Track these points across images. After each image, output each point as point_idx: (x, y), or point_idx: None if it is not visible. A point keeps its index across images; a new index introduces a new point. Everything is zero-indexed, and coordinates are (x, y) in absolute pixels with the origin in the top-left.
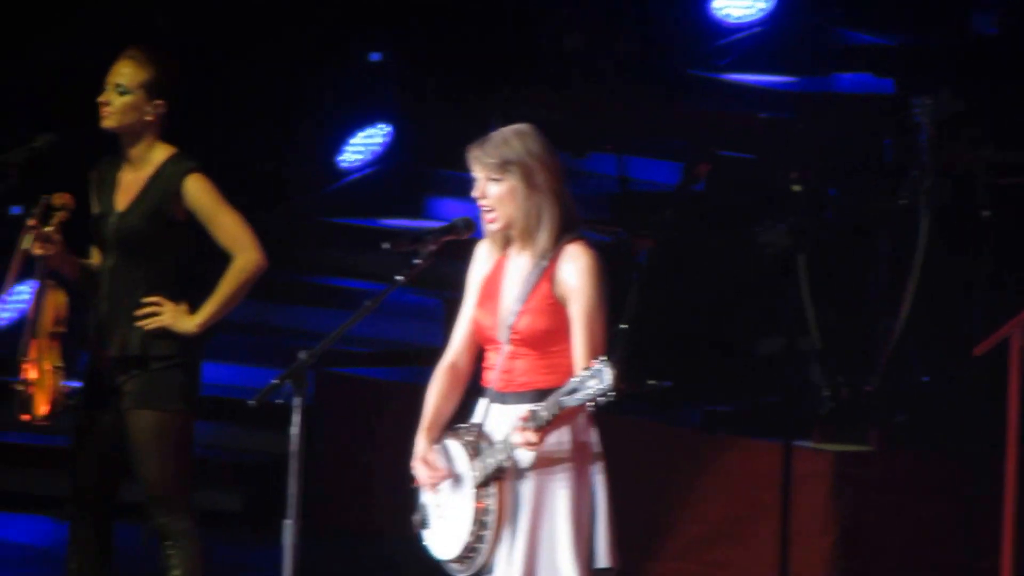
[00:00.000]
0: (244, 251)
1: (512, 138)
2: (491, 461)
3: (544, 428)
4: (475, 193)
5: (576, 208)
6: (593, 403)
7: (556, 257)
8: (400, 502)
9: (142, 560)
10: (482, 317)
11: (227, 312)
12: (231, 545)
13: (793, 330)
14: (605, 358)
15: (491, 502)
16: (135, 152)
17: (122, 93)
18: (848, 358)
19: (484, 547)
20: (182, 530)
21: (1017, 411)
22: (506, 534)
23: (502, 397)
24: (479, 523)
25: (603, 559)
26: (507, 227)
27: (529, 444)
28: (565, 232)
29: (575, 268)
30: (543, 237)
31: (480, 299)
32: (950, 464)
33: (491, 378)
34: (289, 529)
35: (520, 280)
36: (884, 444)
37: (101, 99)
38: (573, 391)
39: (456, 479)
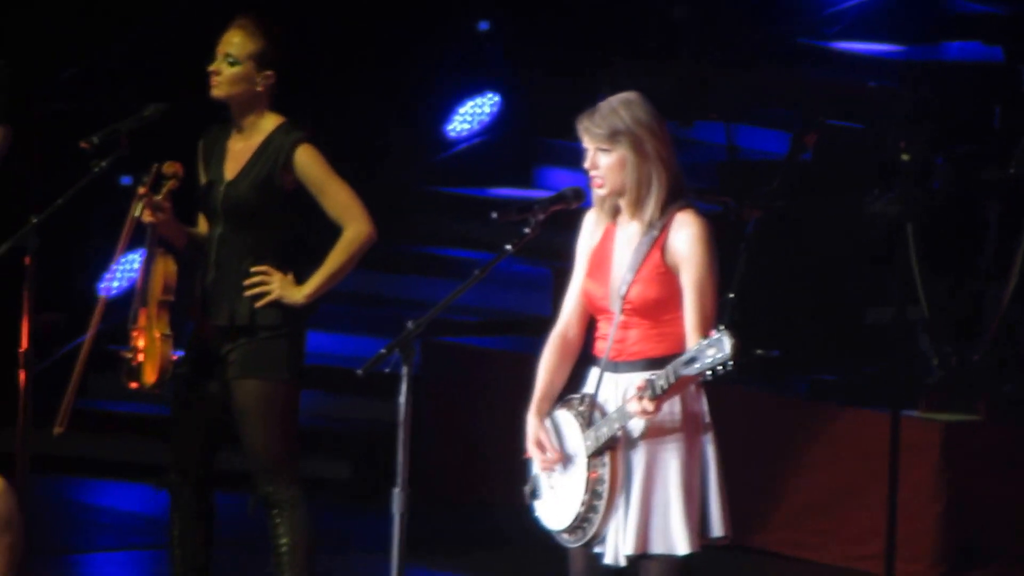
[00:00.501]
0: (354, 222)
1: (620, 107)
2: (605, 430)
3: (660, 397)
4: (586, 164)
5: (684, 176)
6: (712, 373)
7: (667, 226)
8: (508, 472)
9: (250, 528)
10: (592, 287)
11: (335, 283)
12: (339, 514)
13: (902, 300)
14: (724, 327)
15: (604, 471)
16: (245, 122)
17: (232, 63)
18: (956, 328)
19: (597, 516)
20: (289, 499)
21: None
22: (619, 503)
23: (614, 366)
24: (592, 492)
25: (716, 528)
26: (616, 195)
27: (645, 413)
28: (674, 200)
29: (686, 236)
30: (652, 205)
31: (590, 269)
32: None
33: (602, 348)
34: (397, 498)
35: (631, 249)
36: (992, 414)
37: (211, 68)
38: (692, 360)
39: (570, 450)
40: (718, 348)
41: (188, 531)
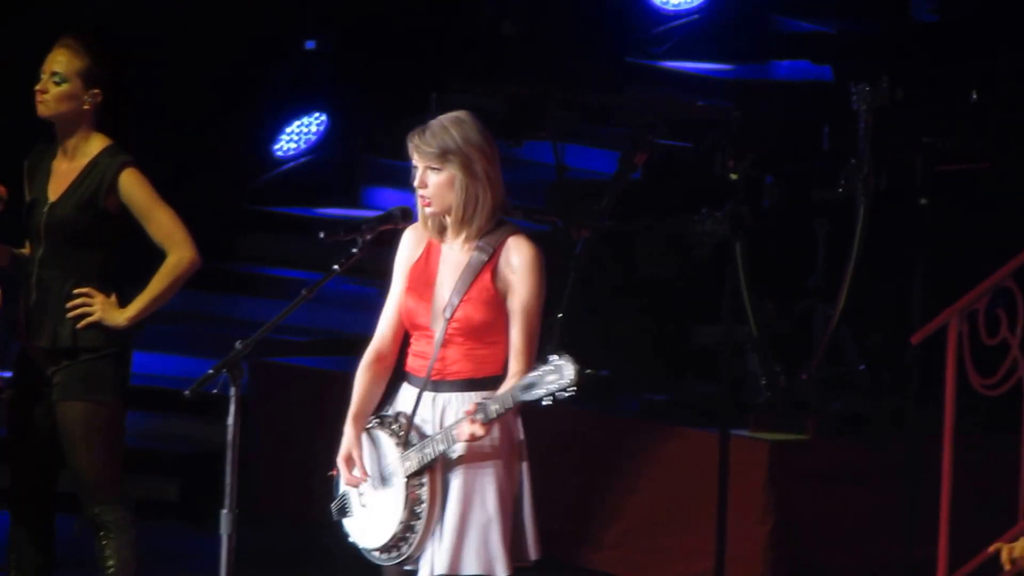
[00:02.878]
0: (177, 248)
1: (451, 126)
2: (429, 451)
3: (492, 422)
4: (414, 182)
5: (509, 196)
6: (552, 399)
7: (499, 249)
8: (333, 489)
9: (78, 550)
10: (413, 304)
11: (157, 308)
12: (168, 535)
13: (730, 319)
14: (564, 353)
15: (423, 491)
16: (70, 142)
17: (58, 82)
18: (785, 347)
19: (415, 536)
20: (115, 520)
21: (953, 399)
22: (434, 525)
23: (435, 385)
24: (411, 512)
25: (532, 551)
26: (444, 214)
27: (474, 437)
28: (497, 220)
29: (519, 262)
30: (477, 225)
31: (411, 285)
32: (887, 453)
33: (419, 365)
34: (225, 519)
35: (458, 269)
36: (821, 433)
37: (37, 87)
38: (531, 386)
39: (385, 470)
40: (560, 374)
41: (26, 556)
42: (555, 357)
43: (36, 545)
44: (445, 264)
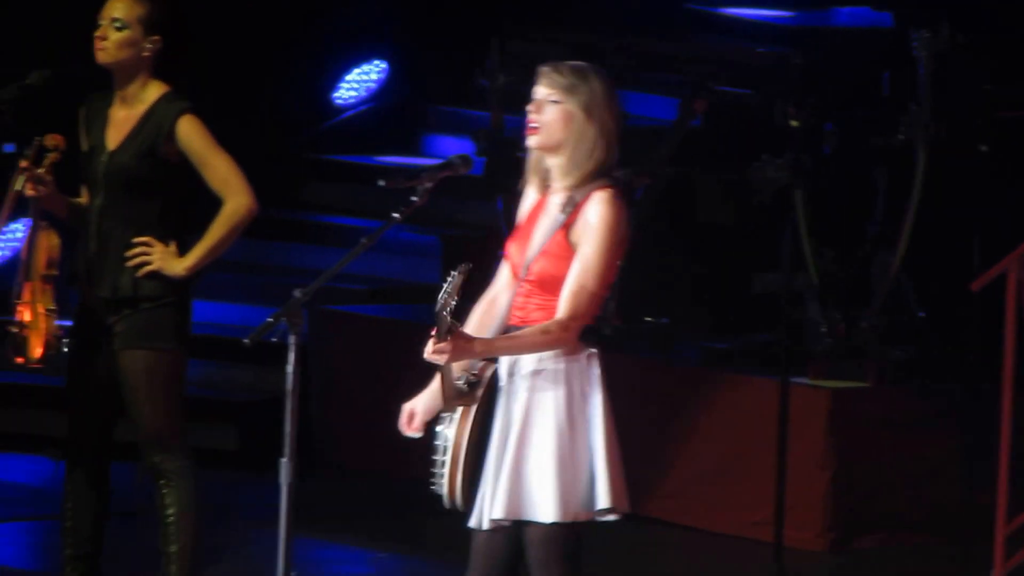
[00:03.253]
0: (235, 195)
1: (587, 70)
2: (461, 384)
3: (448, 337)
4: (530, 107)
5: (618, 159)
6: (444, 304)
7: (583, 202)
8: (396, 440)
9: (138, 499)
10: (512, 253)
11: (216, 256)
12: (227, 484)
13: (790, 266)
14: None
15: (449, 431)
16: (129, 89)
17: (119, 28)
18: (845, 295)
19: (442, 475)
20: (176, 469)
21: (1014, 346)
22: (490, 470)
23: (509, 332)
24: (440, 449)
25: (602, 499)
26: (547, 150)
27: (430, 354)
28: (602, 176)
29: (594, 218)
30: (580, 173)
31: (514, 235)
32: (947, 400)
33: (510, 315)
34: (285, 467)
35: (549, 220)
36: (881, 380)
37: (97, 34)
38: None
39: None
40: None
41: (82, 503)
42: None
43: (92, 494)
44: (543, 216)
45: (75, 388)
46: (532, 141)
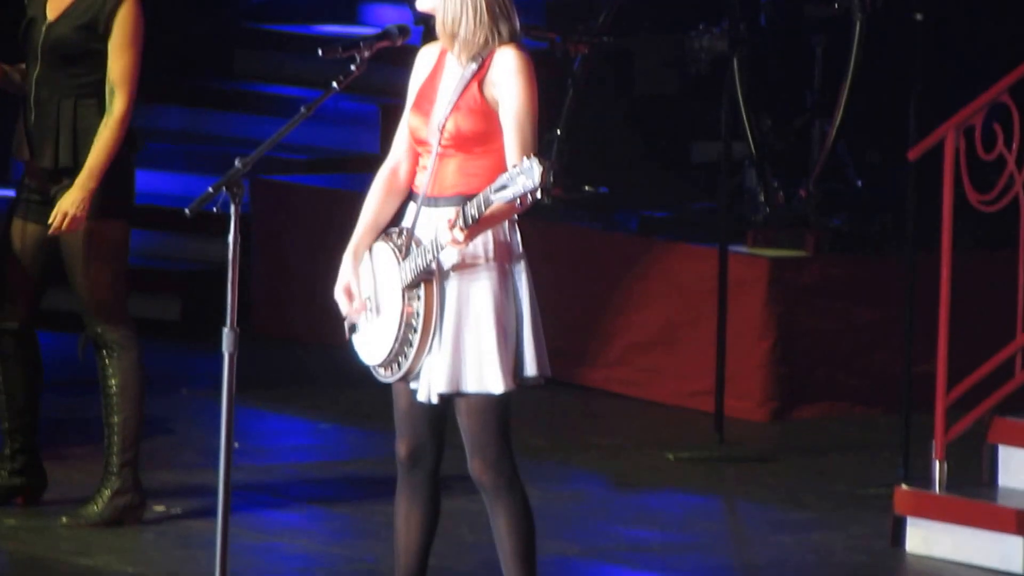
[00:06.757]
0: (123, 97)
1: None
2: (419, 262)
3: (473, 227)
4: None
5: (518, 17)
6: (521, 201)
7: (488, 59)
8: (335, 310)
9: (80, 369)
10: (415, 120)
11: (110, 161)
12: (170, 354)
13: (729, 136)
14: (534, 156)
15: (418, 305)
16: None
17: None
18: (783, 163)
19: (412, 351)
20: (118, 339)
21: (951, 214)
22: (432, 340)
23: (433, 201)
24: (407, 326)
25: (530, 367)
26: (431, 12)
27: (456, 242)
28: (503, 36)
29: (505, 69)
30: (465, 38)
31: (415, 102)
32: (885, 268)
33: (421, 182)
34: (228, 337)
35: (453, 82)
36: (819, 249)
37: None
38: (503, 187)
39: (385, 284)
40: (528, 175)
41: (13, 374)
42: (526, 159)
43: (22, 363)
44: (445, 79)
45: (10, 259)
46: (420, 5)
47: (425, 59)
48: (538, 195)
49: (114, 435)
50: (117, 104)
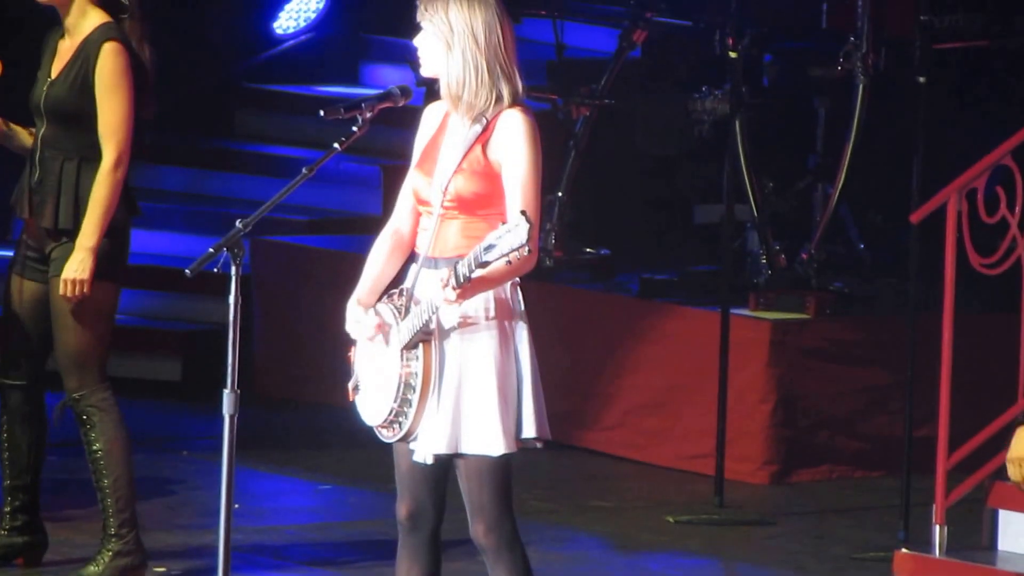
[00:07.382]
0: (113, 149)
1: None
2: (417, 322)
3: (467, 287)
4: (416, 39)
5: (521, 77)
6: (509, 258)
7: (493, 121)
8: (338, 372)
9: (70, 427)
10: (418, 179)
11: (110, 216)
12: (171, 414)
13: (731, 198)
14: (524, 212)
15: (417, 365)
16: (69, 20)
17: None
18: (785, 226)
19: (411, 411)
20: (95, 403)
21: (953, 277)
22: (431, 400)
23: (433, 263)
24: (406, 386)
25: (528, 428)
26: (436, 79)
27: (448, 301)
28: (505, 97)
29: (510, 131)
30: (468, 100)
31: (420, 161)
32: (887, 332)
33: (422, 243)
34: (228, 398)
35: (457, 142)
36: (821, 312)
37: None
38: (490, 246)
39: (387, 342)
40: (515, 233)
41: (17, 432)
42: (515, 217)
43: (27, 423)
44: (448, 139)
45: (11, 317)
46: (422, 71)
47: (431, 117)
48: (525, 252)
49: (107, 497)
50: (106, 156)
